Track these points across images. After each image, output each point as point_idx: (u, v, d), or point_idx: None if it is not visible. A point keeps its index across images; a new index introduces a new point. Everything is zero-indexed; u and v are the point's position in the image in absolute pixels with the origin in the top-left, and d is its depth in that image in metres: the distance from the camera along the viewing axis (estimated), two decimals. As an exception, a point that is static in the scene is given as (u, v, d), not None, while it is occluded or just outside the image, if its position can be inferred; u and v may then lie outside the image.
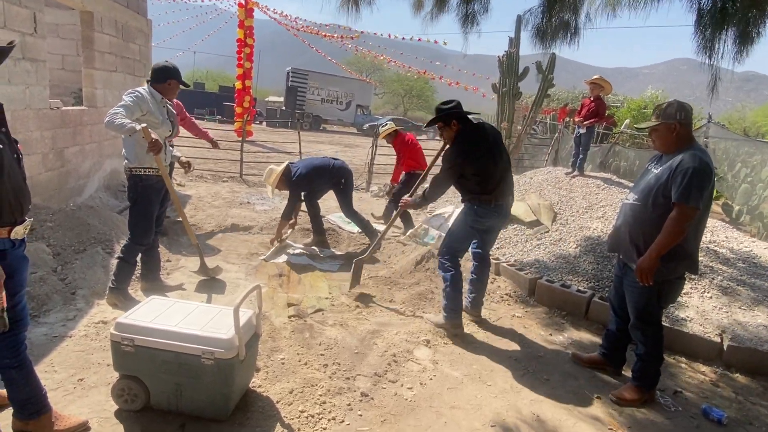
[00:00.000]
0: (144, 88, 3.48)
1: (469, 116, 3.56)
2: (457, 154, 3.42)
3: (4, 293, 1.85)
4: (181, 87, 3.61)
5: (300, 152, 9.34)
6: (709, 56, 4.28)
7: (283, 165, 4.99)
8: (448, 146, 3.59)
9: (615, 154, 10.39)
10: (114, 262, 4.02)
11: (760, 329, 3.70)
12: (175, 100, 4.94)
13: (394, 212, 4.35)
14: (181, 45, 30.62)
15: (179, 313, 2.47)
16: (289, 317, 3.56)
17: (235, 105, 17.24)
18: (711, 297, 4.05)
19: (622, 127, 13.13)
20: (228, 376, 2.30)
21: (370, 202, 8.20)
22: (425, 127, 4.13)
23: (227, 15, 22.53)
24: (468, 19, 4.65)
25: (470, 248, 3.76)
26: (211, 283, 4.05)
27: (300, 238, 5.48)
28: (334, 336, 3.33)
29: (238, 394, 2.46)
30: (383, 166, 10.48)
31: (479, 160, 3.39)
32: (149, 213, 3.57)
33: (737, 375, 3.43)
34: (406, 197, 3.95)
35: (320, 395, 2.63)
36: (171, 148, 3.91)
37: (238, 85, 16.98)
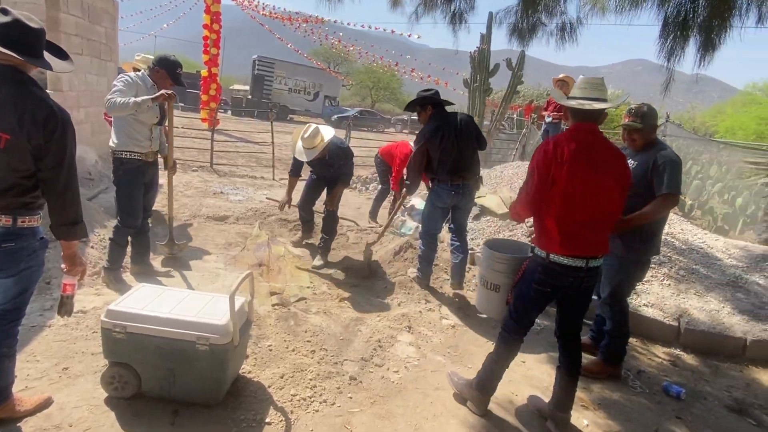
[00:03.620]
0: (136, 74, 3.56)
1: (446, 105, 4.04)
2: (423, 134, 3.90)
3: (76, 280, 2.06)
4: (171, 83, 3.60)
5: (273, 143, 9.25)
6: (668, 60, 4.56)
7: (332, 132, 4.48)
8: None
9: (578, 150, 10.78)
10: (89, 250, 3.95)
11: (712, 314, 4.02)
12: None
13: (397, 202, 4.55)
14: (146, 30, 29.41)
15: (171, 301, 2.48)
16: (273, 306, 3.59)
17: (201, 92, 16.79)
18: (669, 285, 4.36)
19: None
20: (222, 361, 2.34)
21: (344, 194, 8.22)
22: (405, 109, 4.30)
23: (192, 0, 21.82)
24: (455, 18, 4.77)
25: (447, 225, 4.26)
26: (177, 261, 4.17)
27: (286, 233, 5.48)
28: (318, 323, 3.40)
29: (230, 380, 2.50)
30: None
31: (441, 142, 3.80)
32: (133, 195, 3.60)
33: (692, 355, 3.73)
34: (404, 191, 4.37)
35: (310, 379, 2.71)
36: (163, 138, 3.90)
37: (204, 72, 16.53)
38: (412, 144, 5.92)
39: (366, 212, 6.73)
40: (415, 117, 4.31)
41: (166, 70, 3.56)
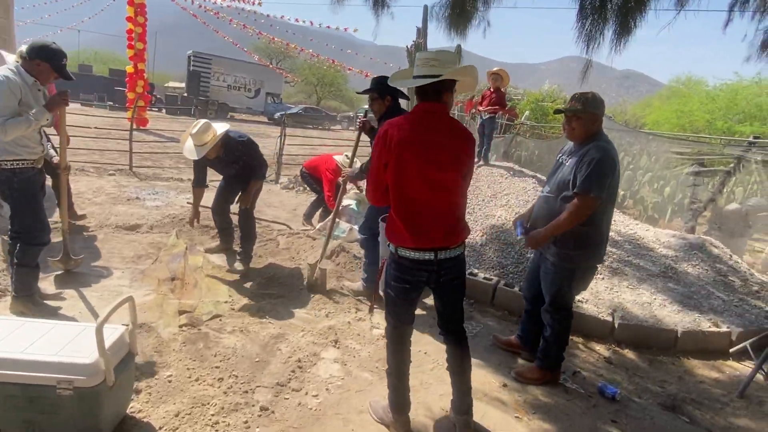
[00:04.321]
0: (10, 68, 2.93)
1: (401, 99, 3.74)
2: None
3: None
4: (56, 76, 3.08)
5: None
6: (587, 45, 4.50)
7: (225, 126, 4.04)
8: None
9: (517, 144, 10.92)
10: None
11: (645, 306, 4.00)
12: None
13: (340, 191, 4.14)
14: (66, 23, 27.21)
15: (30, 335, 2.05)
16: (180, 327, 3.18)
17: (127, 90, 15.69)
18: (603, 278, 4.31)
19: (522, 118, 13.87)
20: (93, 406, 1.95)
21: (280, 195, 7.82)
22: (361, 92, 3.80)
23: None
24: (378, 3, 4.49)
25: None
26: (73, 279, 3.64)
27: (208, 240, 5.01)
28: (232, 344, 3.03)
29: (109, 425, 2.10)
30: (293, 157, 10.09)
31: None
32: (37, 208, 3.14)
33: (627, 350, 3.67)
34: (347, 169, 4.08)
35: (212, 415, 2.35)
36: (48, 141, 3.36)
37: (129, 68, 15.44)
38: (337, 158, 5.67)
39: (301, 213, 6.36)
40: (360, 114, 4.00)
41: (49, 62, 3.01)
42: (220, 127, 3.99)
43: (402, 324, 2.33)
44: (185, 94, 26.91)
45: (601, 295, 4.09)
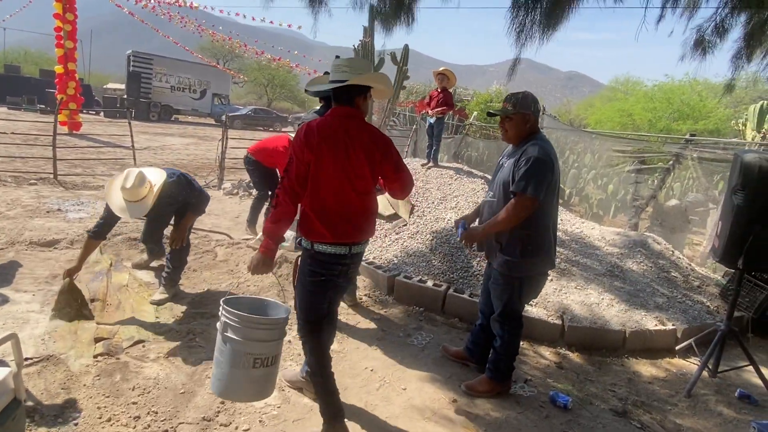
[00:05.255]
0: None
1: None
2: None
3: None
4: None
5: (132, 146, 8.08)
6: (518, 37, 4.43)
7: (162, 174, 3.42)
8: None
9: (467, 144, 10.95)
10: None
11: (593, 307, 3.98)
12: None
13: None
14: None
15: None
16: (95, 357, 2.83)
17: (56, 92, 14.61)
18: (551, 280, 4.26)
19: (471, 119, 13.99)
20: (-39, 472, 1.61)
21: (222, 201, 7.40)
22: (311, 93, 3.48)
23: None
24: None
25: None
26: None
27: (136, 255, 4.58)
28: (154, 375, 2.72)
29: (-12, 490, 1.76)
30: (236, 160, 9.65)
31: None
32: None
33: (576, 354, 3.62)
34: None
35: (123, 463, 2.04)
36: None
37: (58, 69, 14.38)
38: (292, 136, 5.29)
39: (244, 220, 6.00)
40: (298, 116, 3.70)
41: None
42: (156, 176, 3.37)
43: (319, 318, 2.34)
44: (125, 96, 25.50)
45: (549, 298, 4.04)
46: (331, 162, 2.16)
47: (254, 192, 8.26)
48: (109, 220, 3.40)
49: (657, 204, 6.98)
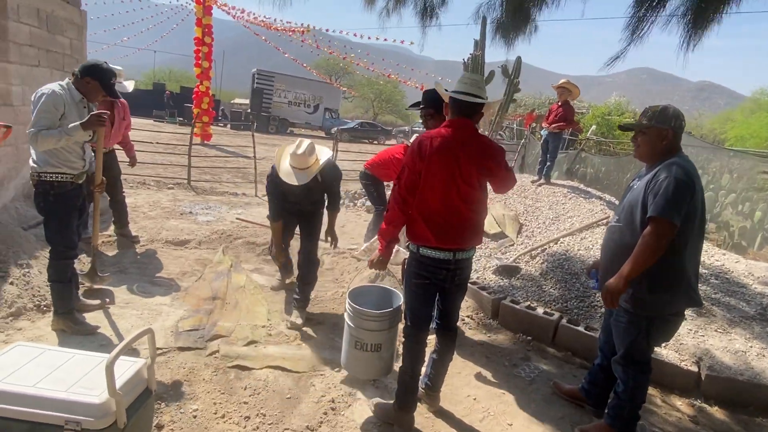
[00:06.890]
0: (60, 84, 2.99)
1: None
2: None
3: None
4: (104, 94, 3.11)
5: (254, 155, 8.77)
6: (632, 33, 3.94)
7: (328, 153, 3.66)
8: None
9: (581, 160, 10.23)
10: (7, 286, 3.41)
11: (739, 355, 3.40)
12: (122, 100, 4.40)
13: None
14: (140, 44, 29.32)
15: (45, 367, 1.93)
16: (212, 354, 3.03)
17: (193, 106, 16.48)
18: (686, 319, 3.74)
19: (588, 133, 13.07)
20: (102, 450, 1.78)
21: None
22: (409, 108, 3.78)
23: (185, 12, 21.61)
24: (426, 13, 4.26)
25: None
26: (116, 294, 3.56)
27: (253, 258, 4.93)
28: (264, 377, 2.83)
29: (122, 469, 1.93)
30: (346, 172, 10.01)
31: None
32: (70, 224, 3.13)
33: (716, 408, 3.11)
34: None
35: (233, 462, 2.13)
36: (92, 155, 3.35)
37: (203, 87, 16.22)
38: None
39: (350, 231, 6.17)
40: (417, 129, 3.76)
41: (99, 80, 3.03)
42: (324, 153, 3.56)
43: (420, 322, 2.48)
44: (249, 110, 27.98)
45: (683, 339, 3.53)
46: (440, 170, 2.28)
47: (357, 203, 8.51)
48: (276, 196, 3.65)
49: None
